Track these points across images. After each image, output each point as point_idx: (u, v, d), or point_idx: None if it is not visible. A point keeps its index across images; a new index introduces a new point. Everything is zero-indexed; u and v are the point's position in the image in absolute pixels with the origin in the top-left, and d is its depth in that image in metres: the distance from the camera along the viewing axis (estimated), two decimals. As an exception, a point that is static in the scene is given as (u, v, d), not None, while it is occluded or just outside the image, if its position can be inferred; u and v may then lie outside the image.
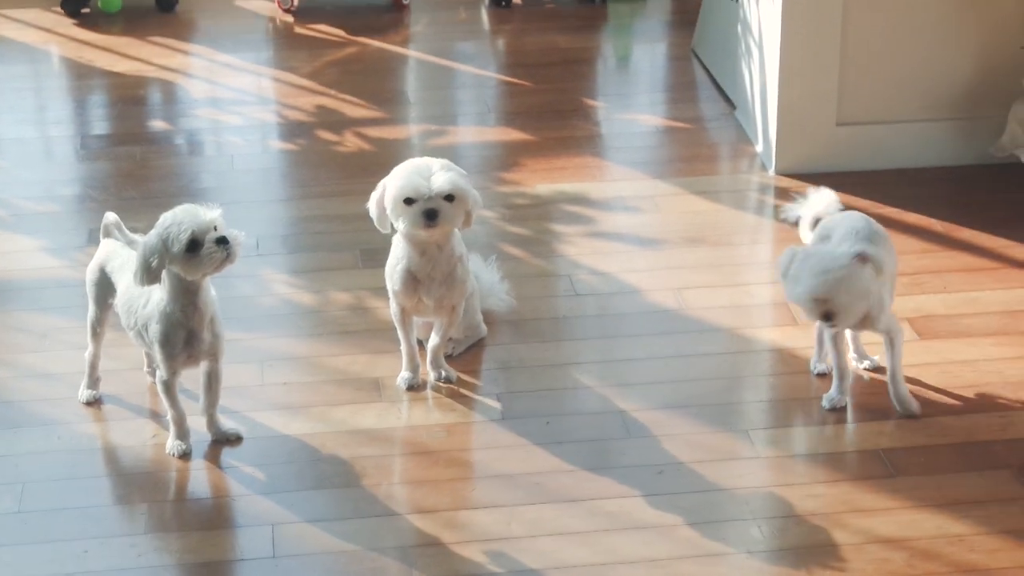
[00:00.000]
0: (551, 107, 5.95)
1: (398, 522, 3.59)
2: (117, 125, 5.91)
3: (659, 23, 6.97)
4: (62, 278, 4.65)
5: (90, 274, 3.97)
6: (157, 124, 5.94)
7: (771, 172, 5.31)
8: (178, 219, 3.59)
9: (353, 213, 4.51)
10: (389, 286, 4.03)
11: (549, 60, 6.44)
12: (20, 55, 6.57)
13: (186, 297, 3.68)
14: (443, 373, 4.11)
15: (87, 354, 4.04)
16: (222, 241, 3.58)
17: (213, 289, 3.77)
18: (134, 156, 5.55)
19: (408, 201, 3.81)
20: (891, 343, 3.92)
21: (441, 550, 3.48)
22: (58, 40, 6.73)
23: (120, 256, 3.88)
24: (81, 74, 6.38)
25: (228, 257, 3.60)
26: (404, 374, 4.09)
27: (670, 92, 6.20)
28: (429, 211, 3.80)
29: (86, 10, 7.00)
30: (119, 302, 3.86)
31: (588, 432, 3.90)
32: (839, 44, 5.17)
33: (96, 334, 4.00)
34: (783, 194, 5.15)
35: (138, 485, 3.72)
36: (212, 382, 3.85)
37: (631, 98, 6.11)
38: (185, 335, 3.72)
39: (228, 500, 3.65)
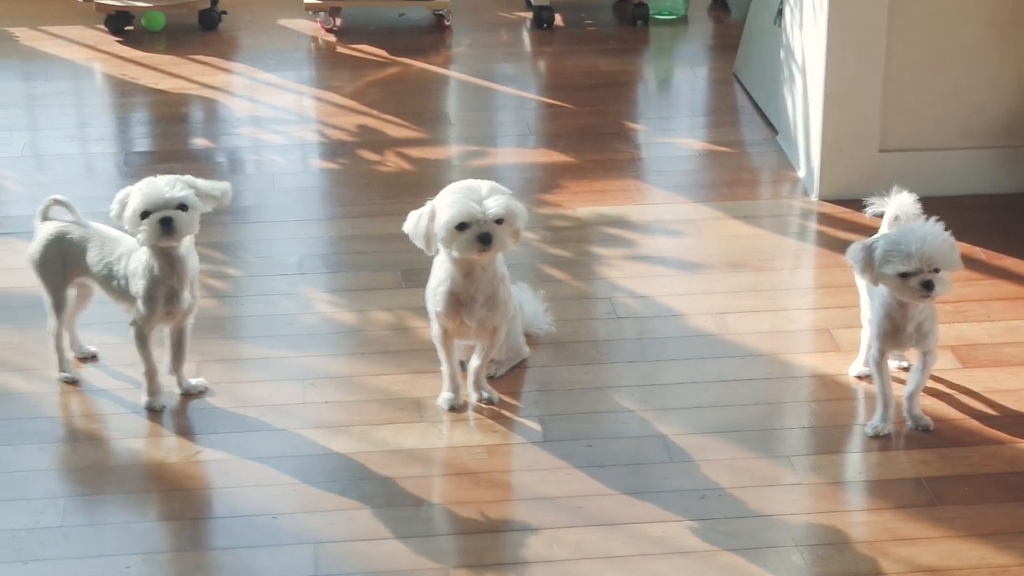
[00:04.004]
0: (592, 129, 5.96)
1: (439, 543, 3.59)
2: (160, 142, 5.94)
3: (701, 47, 6.97)
4: (103, 295, 4.65)
5: (42, 254, 4.13)
6: (199, 142, 5.96)
7: (813, 198, 5.30)
8: (141, 189, 3.89)
9: (394, 233, 4.52)
10: (431, 308, 4.04)
11: (590, 82, 6.45)
12: (63, 72, 6.60)
13: (163, 259, 3.95)
14: (485, 394, 4.11)
15: (52, 336, 4.21)
16: (166, 221, 3.85)
17: (196, 256, 4.02)
18: (176, 173, 5.55)
19: (461, 227, 3.81)
20: (925, 363, 3.94)
21: (482, 572, 3.48)
22: (101, 57, 6.76)
23: (77, 230, 4.12)
24: (124, 91, 6.41)
25: (168, 236, 3.87)
26: (446, 394, 4.10)
27: (711, 116, 6.20)
28: (483, 235, 3.81)
29: (129, 28, 7.04)
30: (96, 268, 4.07)
31: (629, 456, 3.90)
32: (883, 71, 5.17)
33: (61, 312, 4.19)
34: (825, 220, 5.15)
35: (181, 502, 3.73)
36: (182, 339, 4.11)
37: (672, 121, 6.12)
38: (167, 292, 3.97)
39: (270, 518, 3.65)
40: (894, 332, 3.89)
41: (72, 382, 4.23)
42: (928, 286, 3.74)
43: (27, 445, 3.94)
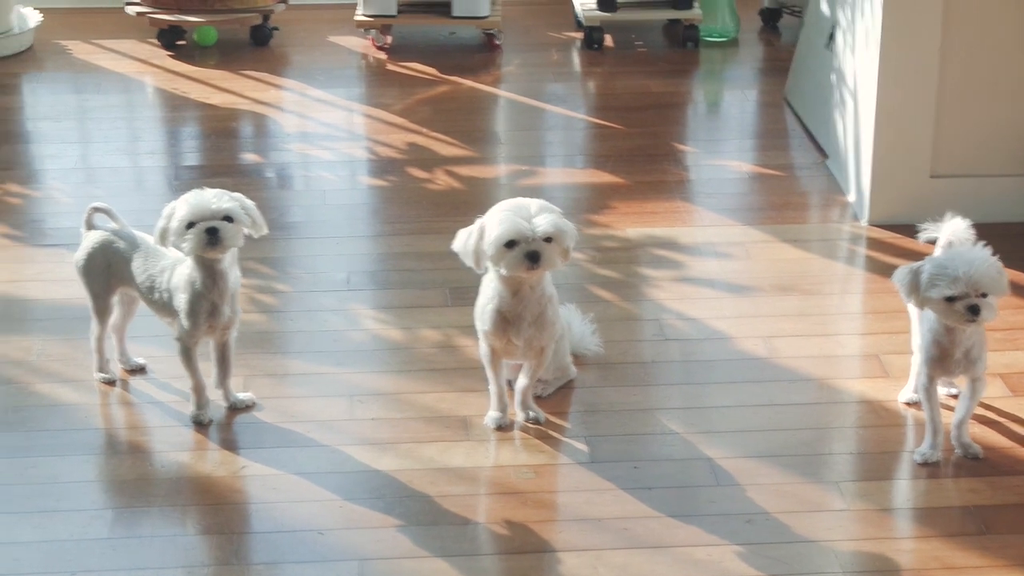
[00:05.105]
0: (641, 151, 5.96)
1: (484, 562, 3.59)
2: (210, 157, 5.96)
3: (751, 69, 6.96)
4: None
5: (87, 261, 4.19)
6: (249, 157, 5.99)
7: (863, 222, 5.28)
8: (187, 200, 3.93)
9: (443, 251, 4.53)
10: (479, 326, 4.04)
11: (640, 104, 6.44)
12: (116, 85, 6.64)
13: (206, 272, 3.96)
14: (531, 414, 4.11)
15: (93, 337, 4.26)
16: (212, 231, 3.87)
17: (238, 270, 4.05)
18: (226, 188, 5.57)
19: (510, 244, 3.81)
20: (974, 391, 3.92)
21: (527, 592, 3.48)
22: (153, 71, 6.80)
23: (123, 240, 4.16)
24: (175, 105, 6.44)
25: (213, 246, 3.89)
26: (492, 413, 4.09)
27: (761, 139, 6.18)
28: (532, 253, 3.80)
29: (181, 42, 7.08)
30: (140, 279, 4.09)
31: (676, 478, 3.88)
32: (935, 95, 5.14)
33: (103, 318, 4.24)
34: (875, 245, 5.13)
35: (226, 515, 3.73)
36: (226, 353, 4.12)
37: (722, 144, 6.11)
38: (208, 306, 3.98)
39: (315, 534, 3.65)
40: (941, 358, 3.86)
41: (110, 383, 4.27)
42: (974, 311, 3.72)
43: (75, 456, 3.96)
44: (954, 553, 3.59)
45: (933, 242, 4.09)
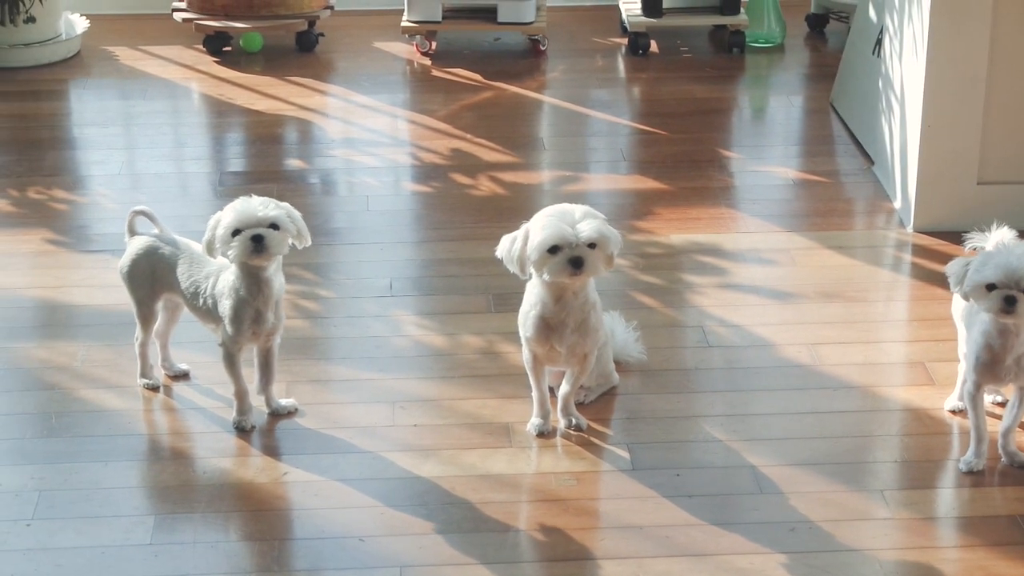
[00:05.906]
0: (686, 156, 5.94)
1: (525, 569, 3.58)
2: (254, 163, 5.98)
3: (797, 75, 6.93)
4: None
5: (132, 267, 4.20)
6: (293, 163, 6.00)
7: (909, 229, 5.24)
8: (234, 207, 3.93)
9: (486, 257, 4.53)
10: (522, 332, 4.03)
11: (685, 109, 6.43)
12: (161, 91, 6.67)
13: (250, 279, 3.97)
14: (574, 421, 4.10)
15: (137, 343, 4.27)
16: (258, 239, 3.87)
17: (282, 277, 4.05)
18: (270, 194, 5.55)
19: (553, 250, 3.81)
20: (1021, 399, 3.90)
21: (568, 600, 3.47)
22: (199, 77, 6.82)
23: (168, 246, 4.17)
24: (220, 111, 6.46)
25: (258, 253, 3.89)
26: (535, 420, 4.08)
27: (807, 145, 6.16)
28: (575, 259, 3.80)
29: (227, 48, 7.10)
30: (184, 285, 4.10)
31: (718, 486, 3.86)
32: (982, 102, 5.11)
33: (148, 324, 4.24)
34: (921, 252, 5.10)
35: (268, 522, 3.74)
36: (269, 359, 4.12)
37: (767, 150, 6.08)
38: (253, 313, 3.98)
39: (357, 540, 3.65)
40: (992, 364, 3.83)
41: (153, 388, 4.28)
42: (1010, 301, 3.69)
43: (118, 462, 3.97)
44: (999, 563, 3.56)
45: (979, 252, 4.06)
